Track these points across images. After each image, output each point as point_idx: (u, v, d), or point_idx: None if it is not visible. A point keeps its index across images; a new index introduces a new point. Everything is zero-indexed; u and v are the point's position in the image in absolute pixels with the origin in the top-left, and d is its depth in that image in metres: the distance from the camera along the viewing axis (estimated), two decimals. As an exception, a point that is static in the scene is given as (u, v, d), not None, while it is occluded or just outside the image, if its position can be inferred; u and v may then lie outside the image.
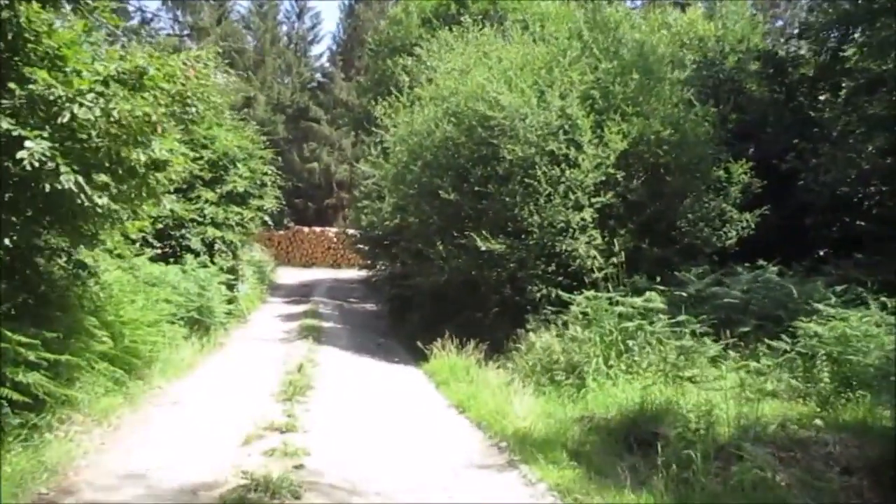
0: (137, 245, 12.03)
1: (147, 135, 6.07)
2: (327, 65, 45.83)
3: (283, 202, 17.02)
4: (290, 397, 7.97)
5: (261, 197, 14.99)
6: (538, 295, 11.72)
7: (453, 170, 12.53)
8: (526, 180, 11.57)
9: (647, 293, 10.17)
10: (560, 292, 11.56)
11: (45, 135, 5.39)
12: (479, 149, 12.26)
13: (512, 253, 11.69)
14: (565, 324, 10.61)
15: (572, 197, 11.51)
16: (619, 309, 9.91)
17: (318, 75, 45.65)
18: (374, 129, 17.15)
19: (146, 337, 8.18)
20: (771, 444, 6.08)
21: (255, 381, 9.30)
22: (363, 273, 25.48)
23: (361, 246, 23.78)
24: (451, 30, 17.30)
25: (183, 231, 13.47)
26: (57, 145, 5.49)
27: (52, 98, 5.50)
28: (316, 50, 78.95)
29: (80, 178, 5.53)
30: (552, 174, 11.52)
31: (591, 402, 8.49)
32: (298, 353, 11.69)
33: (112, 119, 5.62)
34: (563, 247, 11.56)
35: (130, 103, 5.75)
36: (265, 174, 15.11)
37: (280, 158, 18.53)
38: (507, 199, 11.67)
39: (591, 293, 10.40)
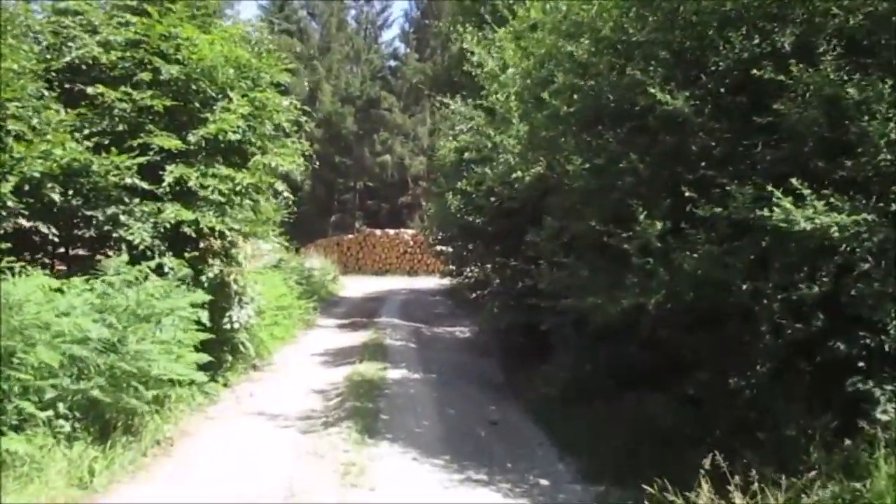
0: None
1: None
2: (400, 45, 39.28)
3: (312, 160, 9.94)
4: None
5: (275, 151, 7.88)
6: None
7: (674, 52, 5.17)
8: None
9: None
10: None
11: None
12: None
13: (863, 234, 4.22)
14: None
15: None
16: None
17: (389, 62, 39.05)
18: (469, 58, 9.82)
19: None
20: None
21: None
22: (446, 281, 18.36)
23: (443, 248, 16.70)
24: None
25: (113, 209, 6.61)
26: None
27: None
28: (387, 35, 71.70)
29: None
30: None
31: None
32: (316, 496, 4.56)
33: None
34: None
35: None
36: (278, 111, 8.00)
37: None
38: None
39: None
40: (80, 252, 7.64)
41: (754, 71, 4.51)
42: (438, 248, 17.53)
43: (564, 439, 6.28)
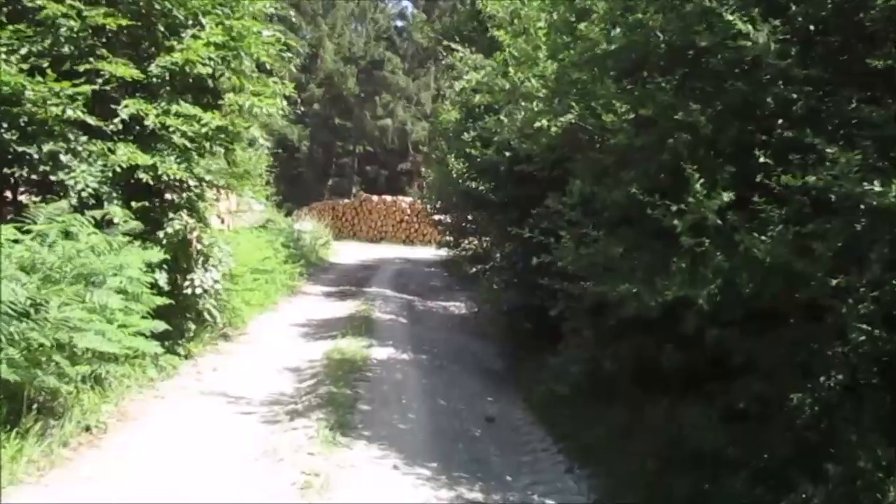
0: None
1: None
2: (407, 5, 37.71)
3: (299, 106, 8.80)
4: None
5: (253, 91, 6.73)
6: None
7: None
8: None
9: None
10: None
11: None
12: None
13: None
14: None
15: None
16: None
17: (395, 23, 37.48)
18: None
19: None
20: None
21: None
22: (443, 252, 17.28)
23: (442, 217, 15.73)
24: None
25: (52, 147, 5.49)
26: None
27: None
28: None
29: None
30: None
31: None
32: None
33: None
34: None
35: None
36: (258, 42, 6.80)
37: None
38: None
39: None
40: (34, 200, 6.57)
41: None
42: (437, 217, 16.47)
43: (574, 446, 5.28)
